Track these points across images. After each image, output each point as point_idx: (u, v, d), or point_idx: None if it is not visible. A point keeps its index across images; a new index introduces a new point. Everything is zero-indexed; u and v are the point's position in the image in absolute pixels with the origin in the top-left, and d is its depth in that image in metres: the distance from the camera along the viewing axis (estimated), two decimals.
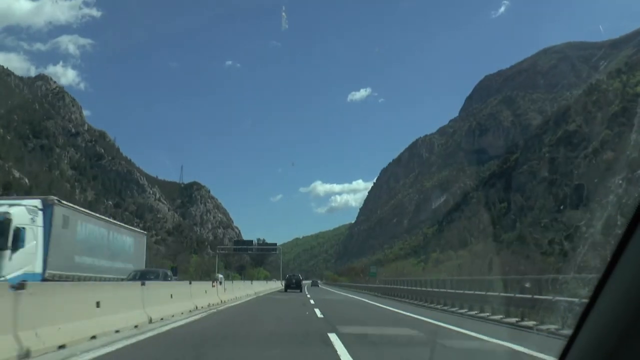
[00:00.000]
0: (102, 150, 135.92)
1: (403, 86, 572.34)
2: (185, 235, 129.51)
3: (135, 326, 9.82)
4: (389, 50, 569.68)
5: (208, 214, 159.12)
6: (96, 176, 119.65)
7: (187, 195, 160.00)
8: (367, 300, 29.02)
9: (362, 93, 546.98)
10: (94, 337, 7.86)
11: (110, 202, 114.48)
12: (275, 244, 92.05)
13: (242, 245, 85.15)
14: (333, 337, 9.07)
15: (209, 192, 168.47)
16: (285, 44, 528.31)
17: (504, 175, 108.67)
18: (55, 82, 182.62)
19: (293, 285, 41.53)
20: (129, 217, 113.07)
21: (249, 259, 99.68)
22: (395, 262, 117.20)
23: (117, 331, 8.86)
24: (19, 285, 6.27)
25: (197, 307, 15.80)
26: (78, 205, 25.01)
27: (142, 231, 31.97)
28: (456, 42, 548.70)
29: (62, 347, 6.85)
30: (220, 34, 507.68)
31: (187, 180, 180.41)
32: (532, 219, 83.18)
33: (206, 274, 67.78)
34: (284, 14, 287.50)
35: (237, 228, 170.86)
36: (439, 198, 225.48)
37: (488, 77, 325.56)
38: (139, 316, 10.48)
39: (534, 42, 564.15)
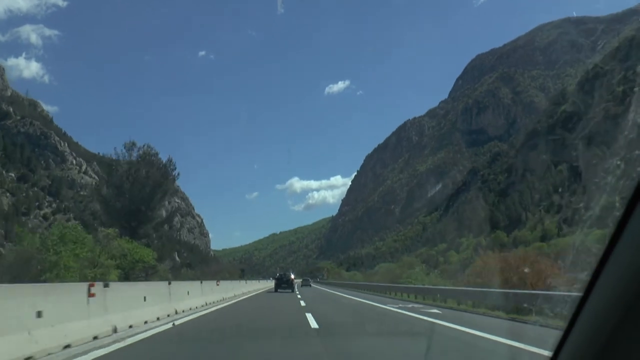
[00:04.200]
0: (11, 109, 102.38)
1: (384, 74, 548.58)
2: None
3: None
4: (367, 41, 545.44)
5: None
6: None
7: None
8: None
9: (340, 85, 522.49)
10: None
11: (12, 175, 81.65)
12: None
13: None
14: None
15: None
16: (262, 34, 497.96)
17: (549, 132, 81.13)
18: None
19: (284, 284, 37.57)
20: (38, 194, 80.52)
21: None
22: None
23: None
24: None
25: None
26: None
27: None
28: (440, 26, 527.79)
29: None
30: (193, 23, 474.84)
31: None
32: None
33: None
34: None
35: (199, 216, 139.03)
36: (436, 183, 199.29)
37: (480, 56, 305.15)
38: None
39: (528, 20, 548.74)
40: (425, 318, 12.92)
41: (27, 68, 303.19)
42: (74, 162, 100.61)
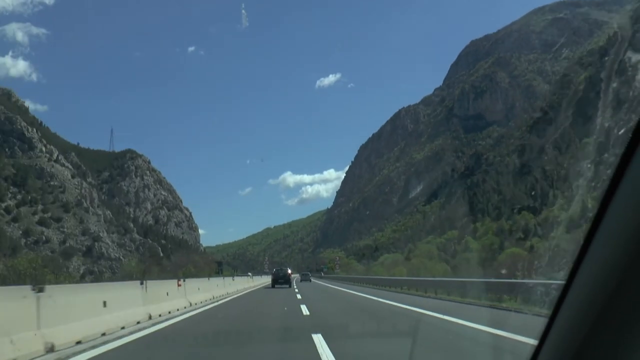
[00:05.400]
0: None
1: (375, 66, 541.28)
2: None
3: None
4: (357, 33, 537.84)
5: (146, 191, 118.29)
6: None
7: (118, 166, 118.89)
8: None
9: (331, 79, 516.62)
10: None
11: None
12: None
13: None
14: None
15: (149, 162, 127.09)
16: (251, 29, 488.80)
17: (568, 104, 74.07)
18: None
19: (281, 280, 36.66)
20: (0, 184, 71.77)
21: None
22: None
23: None
24: None
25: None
26: None
27: None
28: (431, 14, 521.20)
29: None
30: (183, 20, 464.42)
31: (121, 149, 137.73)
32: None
33: None
34: (243, 11, 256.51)
35: (187, 210, 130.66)
36: (417, 184, 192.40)
37: (474, 42, 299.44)
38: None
39: (521, 5, 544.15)
40: None
41: (13, 67, 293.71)
42: (44, 149, 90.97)
